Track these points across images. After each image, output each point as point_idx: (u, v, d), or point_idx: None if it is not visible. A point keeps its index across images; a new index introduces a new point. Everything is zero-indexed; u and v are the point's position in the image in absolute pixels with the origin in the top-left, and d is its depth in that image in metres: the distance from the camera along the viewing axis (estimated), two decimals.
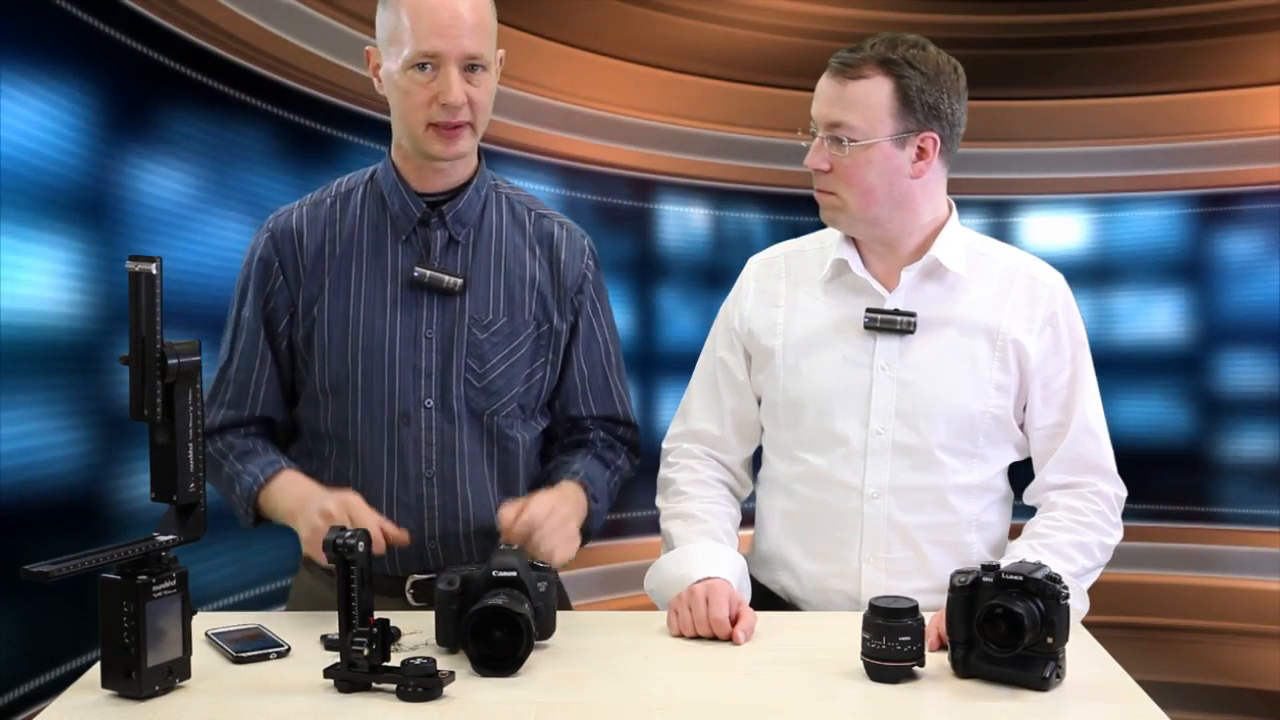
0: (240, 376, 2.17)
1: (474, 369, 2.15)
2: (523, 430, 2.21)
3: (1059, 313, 2.18)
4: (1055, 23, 4.03)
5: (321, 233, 2.17)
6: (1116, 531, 2.17)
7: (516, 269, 2.19)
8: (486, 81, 2.09)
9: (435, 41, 2.03)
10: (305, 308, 2.16)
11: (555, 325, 2.20)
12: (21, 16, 2.59)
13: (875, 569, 2.16)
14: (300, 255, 2.16)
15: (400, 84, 2.07)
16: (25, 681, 2.57)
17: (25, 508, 2.59)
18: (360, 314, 2.14)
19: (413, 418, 2.14)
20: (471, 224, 2.17)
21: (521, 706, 1.71)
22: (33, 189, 2.60)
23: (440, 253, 2.15)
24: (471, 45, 2.05)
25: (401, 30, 2.05)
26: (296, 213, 2.20)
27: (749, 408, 2.28)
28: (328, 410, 2.16)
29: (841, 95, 2.09)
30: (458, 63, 2.05)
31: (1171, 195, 4.08)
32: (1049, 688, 1.77)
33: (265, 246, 2.18)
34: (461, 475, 2.16)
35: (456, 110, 2.05)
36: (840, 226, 2.17)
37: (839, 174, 2.10)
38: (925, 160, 2.11)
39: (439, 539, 2.16)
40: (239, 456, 2.15)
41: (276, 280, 2.17)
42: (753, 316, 2.26)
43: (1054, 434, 2.17)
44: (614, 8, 3.96)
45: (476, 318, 2.15)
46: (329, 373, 2.15)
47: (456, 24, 2.04)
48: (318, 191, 2.24)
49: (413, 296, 2.14)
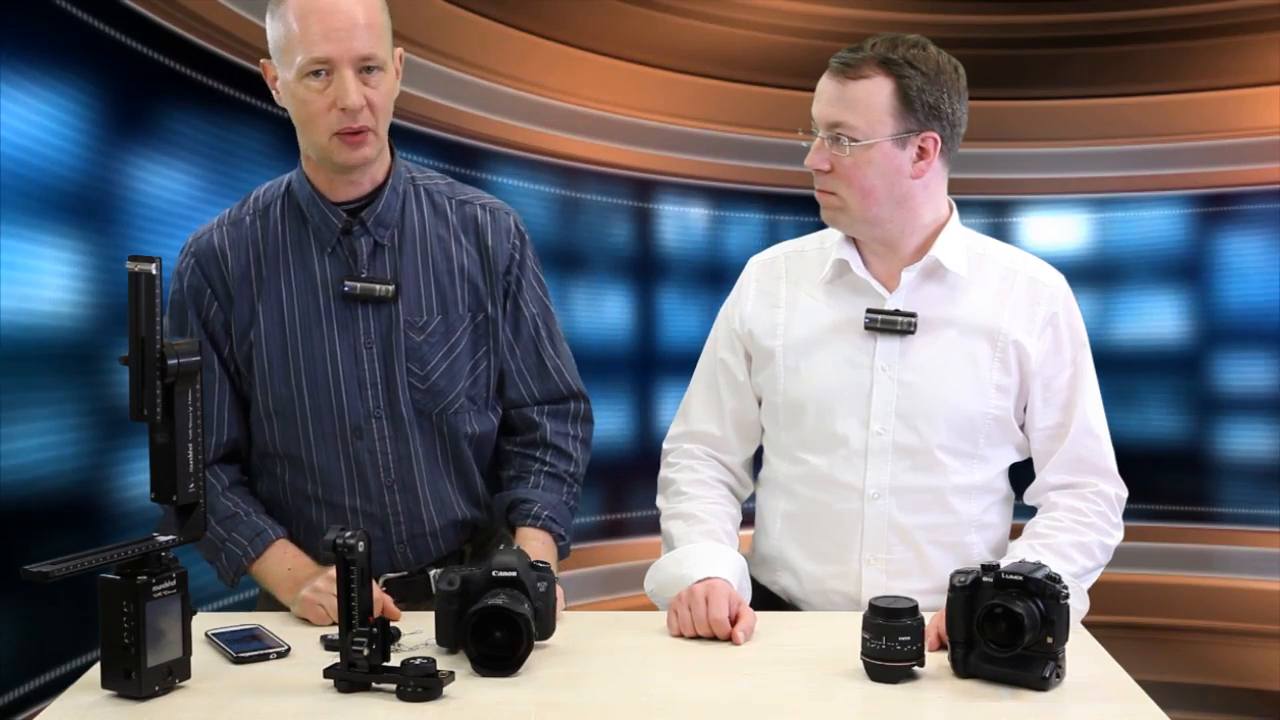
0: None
1: (416, 373, 2.13)
2: (475, 423, 2.20)
3: (1059, 313, 2.17)
4: (1055, 23, 4.03)
5: (245, 253, 2.13)
6: (1117, 532, 2.16)
7: (444, 263, 2.16)
8: (384, 82, 2.05)
9: (326, 46, 1.99)
10: (240, 332, 2.13)
11: (490, 313, 2.18)
12: (21, 16, 2.59)
13: (876, 570, 2.15)
14: (227, 276, 2.13)
15: (297, 93, 2.03)
16: (25, 681, 2.56)
17: (25, 508, 2.59)
18: (297, 333, 2.12)
19: (365, 430, 2.13)
20: (394, 225, 2.14)
21: (521, 706, 1.71)
22: (33, 189, 2.60)
23: (367, 260, 2.12)
24: (364, 46, 2.01)
25: (292, 38, 2.01)
26: (217, 233, 2.15)
27: (749, 408, 2.28)
28: (274, 431, 2.15)
29: (842, 95, 2.08)
30: (352, 65, 2.00)
31: (1171, 195, 4.08)
32: (1049, 688, 1.77)
33: (193, 273, 2.13)
34: (420, 479, 2.16)
35: (356, 114, 2.01)
36: (841, 227, 2.17)
37: (840, 174, 2.10)
38: (926, 160, 2.11)
39: (406, 541, 2.17)
40: (222, 522, 2.12)
41: (211, 306, 2.13)
42: (753, 317, 2.26)
43: (1055, 434, 2.17)
44: (614, 8, 3.96)
45: (411, 320, 2.13)
46: (272, 396, 2.13)
47: (347, 27, 1.99)
48: (234, 207, 2.19)
49: (347, 309, 2.12)
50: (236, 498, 2.16)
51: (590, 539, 3.77)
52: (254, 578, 2.14)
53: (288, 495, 2.18)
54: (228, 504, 2.14)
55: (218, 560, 2.14)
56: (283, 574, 2.10)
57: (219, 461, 2.18)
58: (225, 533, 2.12)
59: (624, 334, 3.98)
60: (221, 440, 2.16)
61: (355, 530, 1.74)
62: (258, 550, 2.11)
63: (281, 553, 2.12)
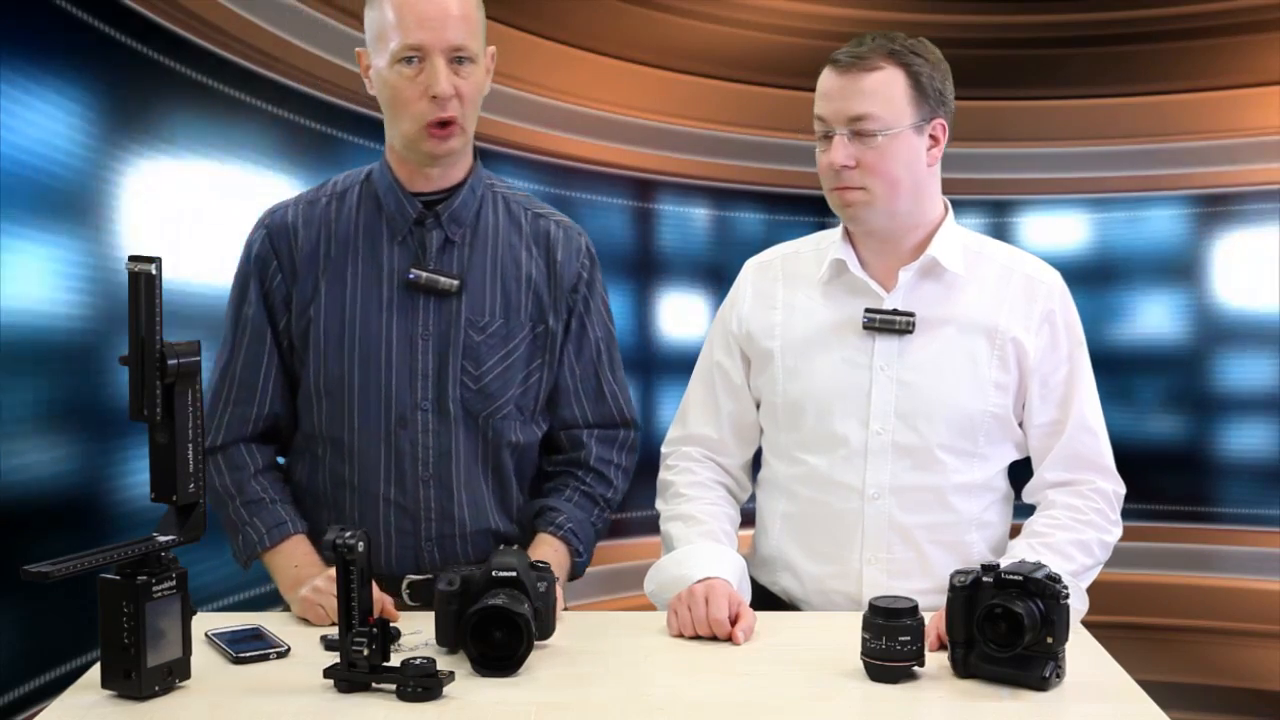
0: (246, 374, 2.17)
1: (470, 371, 2.14)
2: (520, 433, 2.20)
3: (1056, 309, 2.18)
4: (1055, 23, 4.03)
5: (316, 232, 2.16)
6: (1116, 529, 2.16)
7: (513, 269, 2.18)
8: (474, 74, 2.08)
9: (420, 34, 2.03)
10: (300, 307, 2.15)
11: (551, 326, 2.20)
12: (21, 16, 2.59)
13: (876, 569, 2.15)
14: (295, 252, 2.16)
15: (389, 80, 2.07)
16: (25, 681, 2.56)
17: (25, 508, 2.59)
18: (356, 316, 2.13)
19: (409, 421, 2.13)
20: (467, 224, 2.17)
21: (521, 706, 1.71)
22: (33, 189, 2.60)
23: (436, 254, 2.14)
24: (457, 37, 2.04)
25: (387, 26, 2.05)
26: (292, 210, 2.19)
27: (747, 411, 2.28)
28: (322, 412, 2.15)
29: (860, 88, 2.08)
30: (444, 54, 2.04)
31: (1171, 195, 4.08)
32: (1049, 688, 1.77)
33: (261, 244, 2.17)
34: (458, 478, 2.15)
35: (445, 102, 2.04)
36: (864, 223, 2.15)
37: (866, 167, 2.09)
38: (937, 147, 2.14)
39: (435, 540, 2.16)
40: (247, 504, 2.14)
41: (274, 278, 2.16)
42: (751, 319, 2.26)
43: (1051, 431, 2.17)
44: (614, 8, 3.96)
45: (472, 319, 2.14)
46: (324, 375, 2.14)
47: (442, 16, 2.03)
48: (312, 189, 2.23)
49: (409, 298, 2.13)
50: (267, 483, 2.17)
51: None
52: (264, 566, 2.15)
53: (326, 479, 2.17)
54: (256, 488, 2.15)
55: (234, 541, 2.15)
56: (289, 570, 2.10)
57: (256, 439, 2.19)
58: (248, 516, 2.13)
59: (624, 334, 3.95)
60: (262, 413, 2.17)
61: (355, 530, 1.74)
62: (274, 540, 2.11)
63: (294, 549, 2.12)
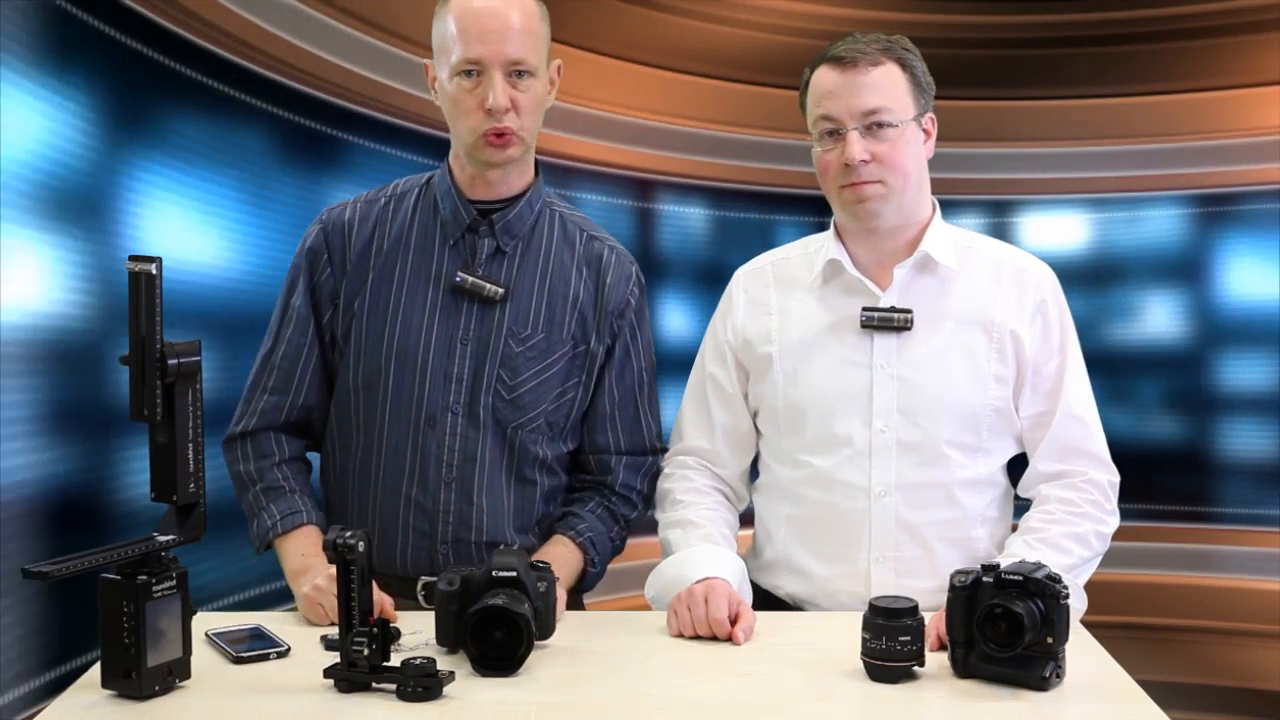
0: (286, 363, 2.20)
1: (505, 380, 2.16)
2: (547, 448, 2.21)
3: (1048, 300, 2.19)
4: (1055, 23, 4.03)
5: (371, 229, 2.20)
6: (1112, 519, 2.17)
7: (560, 286, 2.20)
8: (533, 88, 2.11)
9: (479, 48, 2.06)
10: (347, 301, 2.19)
11: (592, 347, 2.21)
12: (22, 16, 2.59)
13: (884, 568, 2.15)
14: (348, 248, 2.20)
15: (449, 91, 2.11)
16: (25, 681, 2.56)
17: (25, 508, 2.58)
18: (399, 313, 2.17)
19: (438, 421, 2.15)
20: (521, 236, 2.19)
21: (521, 706, 1.71)
22: (34, 189, 2.60)
23: (485, 261, 2.17)
24: (515, 51, 2.07)
25: (449, 38, 2.09)
26: (350, 208, 2.24)
27: (741, 421, 2.28)
28: (358, 406, 2.18)
29: (869, 82, 2.10)
30: (502, 68, 2.07)
31: (1171, 195, 4.08)
32: (1049, 688, 1.77)
33: (316, 237, 2.22)
34: (480, 484, 2.16)
35: (501, 115, 2.07)
36: (878, 218, 2.15)
37: (882, 160, 2.11)
38: (930, 140, 2.18)
39: (450, 544, 2.17)
40: (265, 490, 2.17)
41: (324, 271, 2.20)
42: (746, 327, 2.26)
43: (1041, 422, 2.18)
44: (614, 8, 3.96)
45: (514, 330, 2.16)
46: (363, 368, 2.17)
47: (501, 30, 2.07)
48: (374, 190, 2.28)
49: (453, 302, 2.16)
50: (290, 472, 2.20)
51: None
52: (277, 553, 2.16)
53: (355, 473, 2.20)
54: (278, 475, 2.18)
55: (251, 526, 2.18)
56: (296, 558, 2.11)
57: (287, 429, 2.22)
58: (265, 502, 2.16)
59: None
60: (297, 403, 2.20)
61: (355, 530, 1.74)
62: (286, 528, 2.13)
63: (303, 538, 2.13)
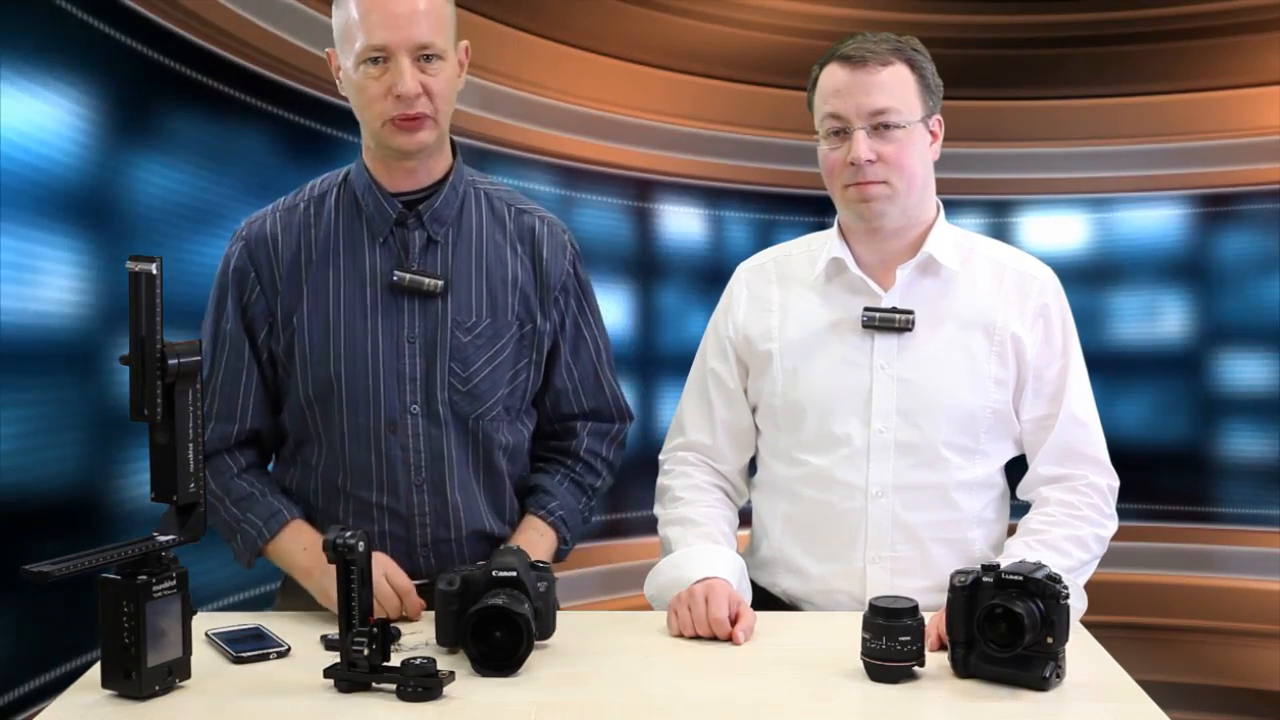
0: (226, 389, 2.14)
1: (458, 373, 2.12)
2: (509, 433, 2.19)
3: (1050, 304, 2.19)
4: (1055, 23, 4.03)
5: (296, 239, 2.13)
6: (1111, 522, 2.17)
7: (498, 269, 2.16)
8: (443, 71, 2.05)
9: (383, 33, 2.01)
10: (284, 317, 2.12)
11: (538, 325, 2.18)
12: (21, 16, 2.59)
13: (880, 568, 2.15)
14: (276, 263, 2.13)
15: (356, 80, 2.05)
16: (25, 681, 2.56)
17: (25, 508, 2.58)
18: (340, 321, 2.11)
19: (399, 425, 2.11)
20: (450, 223, 2.14)
21: (521, 706, 1.71)
22: (34, 189, 2.60)
23: (419, 254, 2.12)
24: (422, 34, 2.02)
25: (352, 25, 2.03)
26: (270, 219, 2.16)
27: (742, 417, 2.28)
28: (314, 419, 2.14)
29: (877, 82, 2.10)
30: (409, 53, 2.01)
31: (1171, 195, 4.08)
32: (1049, 688, 1.77)
33: (240, 256, 2.14)
34: (451, 482, 2.14)
35: (412, 101, 2.02)
36: (882, 218, 2.14)
37: (888, 161, 2.10)
38: (937, 142, 2.17)
39: (430, 545, 2.15)
40: (236, 502, 2.12)
41: (253, 291, 2.13)
42: (747, 323, 2.26)
43: (1043, 425, 2.18)
44: (614, 8, 3.96)
45: (459, 320, 2.12)
46: (312, 381, 2.12)
47: (406, 14, 2.01)
48: (290, 195, 2.20)
49: (393, 300, 2.11)
50: (252, 478, 2.15)
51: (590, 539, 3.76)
52: (270, 559, 2.14)
53: (319, 487, 2.15)
54: (243, 485, 2.13)
55: (233, 542, 2.13)
56: (298, 555, 2.09)
57: (237, 447, 2.17)
58: (240, 514, 2.11)
59: (624, 334, 3.97)
60: (244, 429, 2.15)
61: (355, 530, 1.74)
62: (272, 531, 2.10)
63: (297, 533, 2.11)
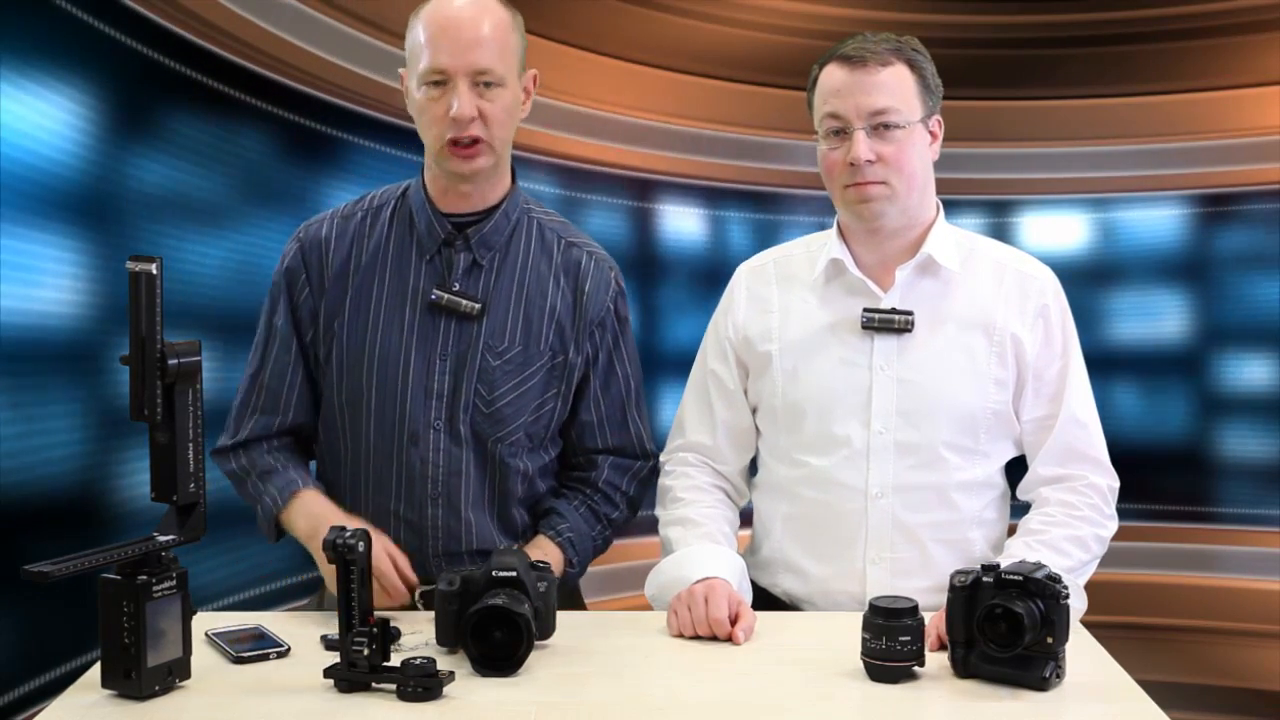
0: (273, 383, 2.19)
1: (482, 395, 2.15)
2: (527, 459, 2.20)
3: (1050, 304, 2.19)
4: (1055, 23, 4.03)
5: (349, 246, 2.19)
6: (1111, 523, 2.17)
7: (538, 299, 2.19)
8: (502, 98, 2.09)
9: (443, 58, 2.05)
10: (327, 321, 2.18)
11: (570, 358, 2.20)
12: (22, 16, 2.59)
13: (880, 569, 2.16)
14: (325, 267, 2.18)
15: (417, 100, 2.10)
16: (25, 681, 2.56)
17: (25, 508, 2.59)
18: (378, 332, 2.15)
19: (421, 438, 2.14)
20: (497, 248, 2.18)
21: (521, 706, 1.71)
22: (33, 188, 2.60)
23: (462, 276, 2.15)
24: (482, 60, 2.05)
25: (418, 48, 2.08)
26: (327, 224, 2.22)
27: (742, 418, 2.28)
28: (344, 424, 2.18)
29: (878, 82, 2.10)
30: (466, 78, 2.05)
31: (1171, 195, 4.07)
32: (1049, 688, 1.77)
33: (294, 256, 2.20)
34: (465, 498, 2.16)
35: (466, 125, 2.06)
36: (881, 218, 2.14)
37: (888, 161, 2.10)
38: (936, 142, 2.17)
39: (443, 556, 2.17)
40: (260, 475, 2.17)
41: (303, 291, 2.19)
42: (747, 324, 2.26)
43: (1043, 426, 2.18)
44: (614, 8, 3.96)
45: (491, 344, 2.15)
46: (345, 388, 2.17)
47: (469, 40, 2.05)
48: (350, 203, 2.25)
49: (430, 318, 2.15)
50: (280, 454, 2.19)
51: None
52: (288, 529, 2.16)
53: (345, 489, 2.19)
54: (269, 460, 2.18)
55: (258, 515, 2.18)
56: (307, 520, 2.12)
57: (276, 435, 2.21)
58: (264, 486, 2.16)
59: None
60: (285, 421, 2.20)
61: (355, 530, 1.75)
62: (285, 500, 2.13)
63: (306, 501, 2.13)
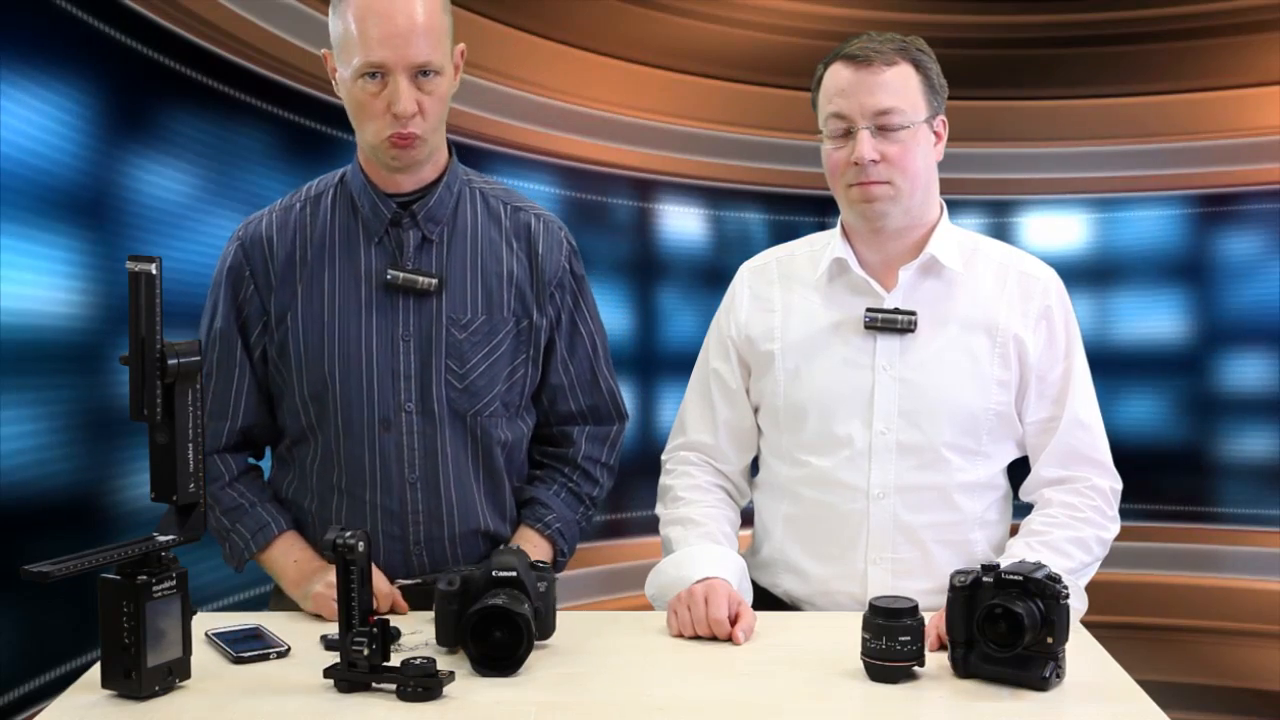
0: (219, 388, 2.15)
1: (454, 370, 2.13)
2: (507, 429, 2.19)
3: (1054, 306, 2.19)
4: (1055, 23, 4.03)
5: (292, 239, 2.15)
6: (1114, 525, 2.17)
7: (493, 265, 2.16)
8: (440, 86, 2.05)
9: (382, 52, 1.99)
10: (278, 316, 2.14)
11: (535, 320, 2.18)
12: (21, 16, 2.59)
13: (881, 569, 2.15)
14: (270, 262, 2.14)
15: (352, 93, 2.05)
16: (25, 681, 2.56)
17: (25, 508, 2.59)
18: (335, 320, 2.12)
19: (393, 423, 2.12)
20: (445, 221, 2.15)
21: (521, 706, 1.71)
22: (33, 189, 2.60)
23: (414, 253, 2.12)
24: (420, 53, 2.01)
25: (350, 39, 2.02)
26: (266, 219, 2.17)
27: (744, 417, 2.28)
28: (309, 417, 2.15)
29: (882, 81, 2.10)
30: (406, 72, 2.01)
31: (1171, 195, 4.07)
32: (1049, 688, 1.77)
33: (235, 255, 2.15)
34: (445, 478, 2.14)
35: (408, 120, 2.02)
36: (885, 218, 2.14)
37: (892, 161, 2.10)
38: (941, 143, 2.17)
39: (424, 544, 2.15)
40: (226, 513, 2.14)
41: (248, 289, 2.14)
42: (749, 323, 2.26)
43: (1046, 427, 2.18)
44: (614, 8, 3.96)
45: (454, 317, 2.13)
46: (307, 381, 2.13)
47: (404, 32, 1.99)
48: (287, 196, 2.21)
49: (388, 299, 2.12)
50: (242, 487, 2.17)
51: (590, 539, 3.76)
52: (261, 566, 2.16)
53: (315, 485, 2.17)
54: (233, 495, 2.15)
55: (223, 548, 2.16)
56: (289, 567, 2.12)
57: (230, 450, 2.18)
58: (230, 524, 2.14)
59: (624, 334, 3.97)
60: (235, 427, 2.17)
61: (355, 530, 1.74)
62: (260, 545, 2.12)
63: (287, 546, 2.13)
